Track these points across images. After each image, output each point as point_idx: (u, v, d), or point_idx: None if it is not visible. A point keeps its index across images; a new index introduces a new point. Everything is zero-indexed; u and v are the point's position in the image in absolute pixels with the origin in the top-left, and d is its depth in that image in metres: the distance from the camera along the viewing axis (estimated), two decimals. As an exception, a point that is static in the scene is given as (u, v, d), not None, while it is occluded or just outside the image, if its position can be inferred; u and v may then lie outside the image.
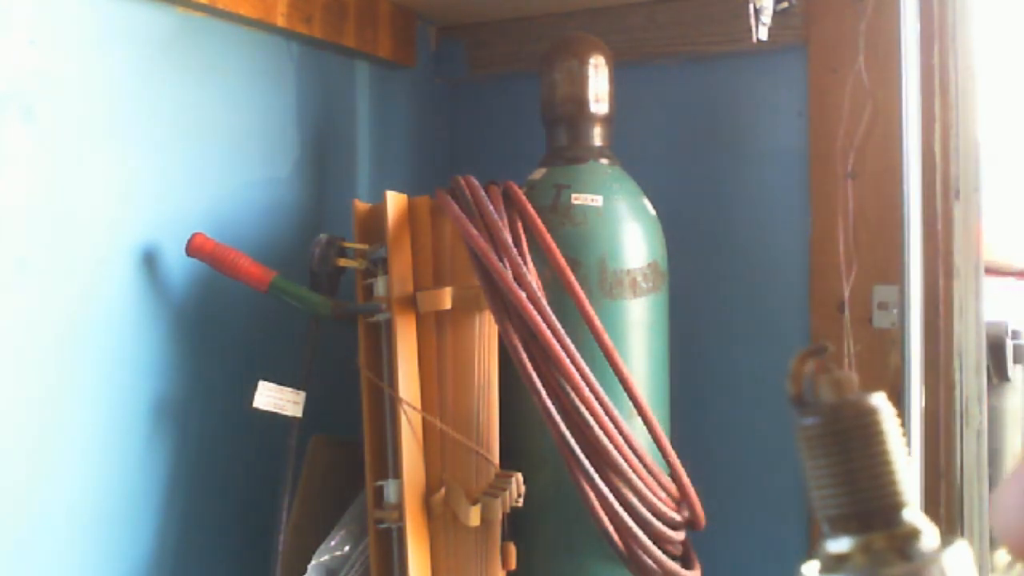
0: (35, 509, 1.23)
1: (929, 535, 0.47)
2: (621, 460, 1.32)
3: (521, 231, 1.40)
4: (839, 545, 0.48)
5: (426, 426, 1.39)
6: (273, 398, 1.40)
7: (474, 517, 1.33)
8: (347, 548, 1.43)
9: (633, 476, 1.34)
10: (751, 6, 1.46)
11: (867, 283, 1.61)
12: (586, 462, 1.31)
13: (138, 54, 1.37)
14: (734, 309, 1.76)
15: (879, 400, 0.47)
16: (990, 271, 1.73)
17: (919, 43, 1.43)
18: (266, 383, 1.39)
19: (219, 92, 1.50)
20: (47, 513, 1.24)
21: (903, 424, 1.40)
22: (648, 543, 1.35)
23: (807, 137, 1.69)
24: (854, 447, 0.47)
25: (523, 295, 1.31)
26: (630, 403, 1.37)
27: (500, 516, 1.36)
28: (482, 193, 1.39)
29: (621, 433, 1.33)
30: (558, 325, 1.32)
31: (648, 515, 1.35)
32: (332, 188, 1.73)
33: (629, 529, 1.33)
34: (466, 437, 1.38)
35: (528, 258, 1.37)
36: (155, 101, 1.39)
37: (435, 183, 1.50)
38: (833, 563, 0.47)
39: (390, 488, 1.39)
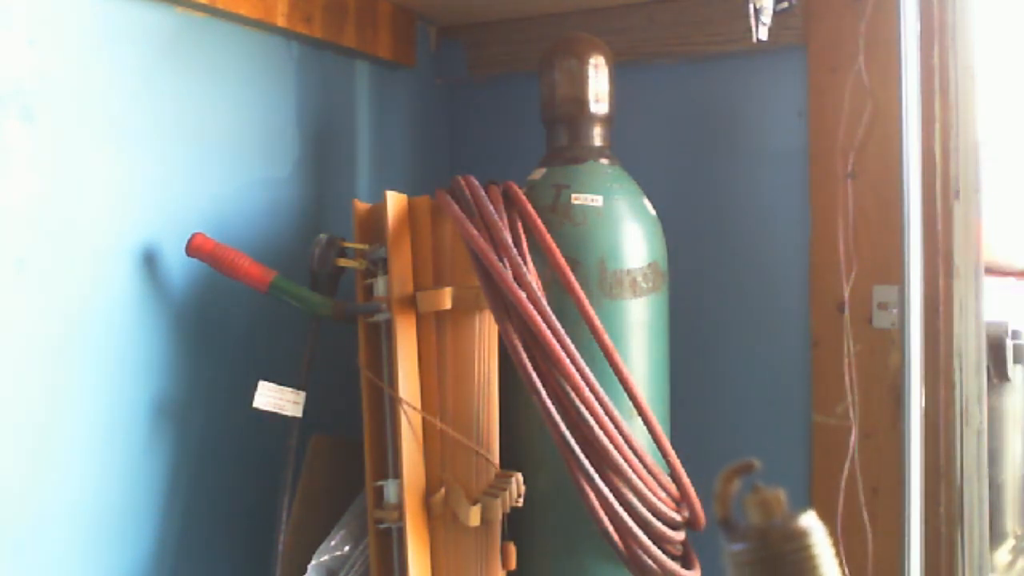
0: (35, 509, 1.23)
1: None
2: (621, 460, 1.32)
3: (521, 231, 1.40)
4: None
5: (426, 426, 1.39)
6: (273, 398, 1.40)
7: (474, 517, 1.33)
8: (347, 548, 1.43)
9: (633, 476, 1.34)
10: (751, 6, 1.46)
11: (867, 283, 1.61)
12: (586, 462, 1.31)
13: (138, 54, 1.37)
14: (734, 309, 1.76)
15: (809, 521, 0.44)
16: (990, 271, 1.73)
17: (919, 43, 1.43)
18: (266, 383, 1.39)
19: (219, 92, 1.50)
20: (47, 513, 1.24)
21: (902, 424, 1.40)
22: (648, 543, 1.35)
23: (807, 137, 1.69)
24: (785, 574, 0.44)
25: (523, 295, 1.31)
26: (630, 403, 1.37)
27: (500, 516, 1.36)
28: (482, 193, 1.39)
29: (621, 433, 1.33)
30: (558, 325, 1.32)
31: (648, 515, 1.35)
32: (332, 188, 1.73)
33: (629, 529, 1.33)
34: (466, 437, 1.38)
35: (528, 258, 1.37)
36: (155, 101, 1.39)
37: (435, 183, 1.50)
38: None
39: (390, 488, 1.39)
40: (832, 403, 1.63)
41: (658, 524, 1.36)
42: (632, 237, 1.47)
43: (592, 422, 1.31)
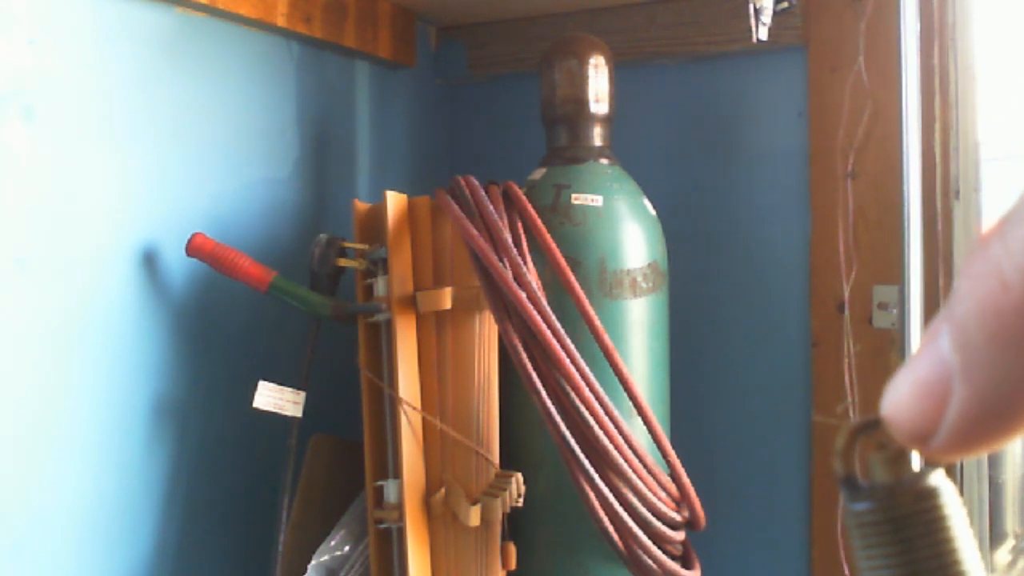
0: (34, 509, 1.23)
1: None
2: (621, 460, 1.32)
3: (521, 231, 1.40)
4: None
5: (426, 426, 1.39)
6: (273, 398, 1.40)
7: (474, 517, 1.33)
8: (347, 548, 1.43)
9: (633, 476, 1.34)
10: (751, 6, 1.46)
11: (867, 283, 1.61)
12: (586, 462, 1.31)
13: (138, 54, 1.37)
14: (734, 309, 1.76)
15: (939, 479, 0.42)
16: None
17: (919, 43, 1.43)
18: (266, 383, 1.39)
19: (219, 92, 1.50)
20: (46, 513, 1.24)
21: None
22: (648, 543, 1.35)
23: (807, 137, 1.69)
24: (914, 535, 0.42)
25: (523, 295, 1.31)
26: (630, 403, 1.37)
27: (500, 516, 1.36)
28: (482, 193, 1.39)
29: (621, 433, 1.33)
30: (558, 325, 1.32)
31: (648, 515, 1.35)
32: (332, 188, 1.73)
33: (629, 529, 1.33)
34: (466, 437, 1.38)
35: (528, 258, 1.37)
36: (155, 101, 1.39)
37: (435, 183, 1.50)
38: None
39: (390, 488, 1.39)
40: (832, 403, 1.63)
41: (658, 524, 1.36)
42: (632, 237, 1.47)
43: (592, 422, 1.31)
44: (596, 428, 1.31)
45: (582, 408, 1.31)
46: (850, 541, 0.40)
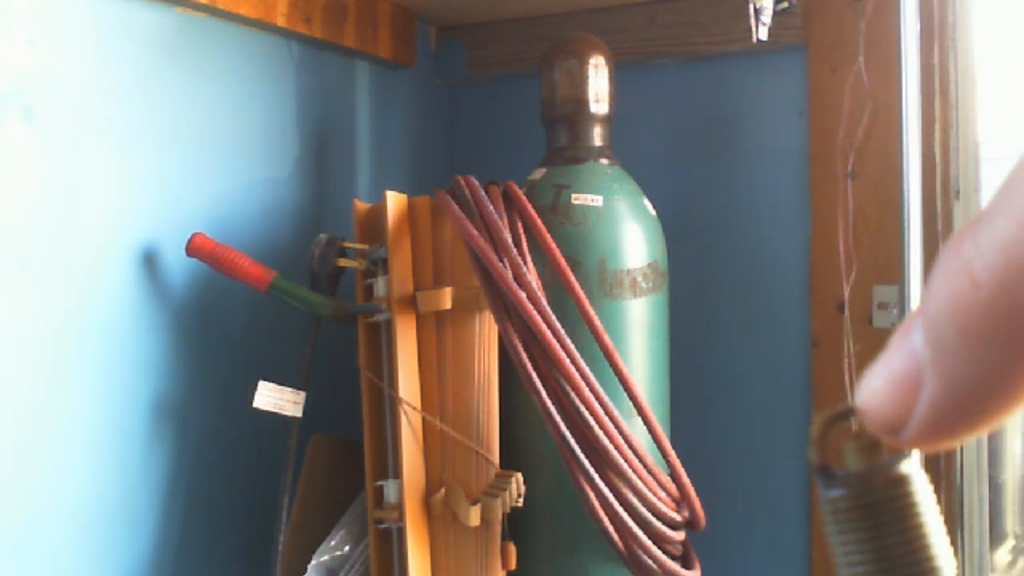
0: (34, 510, 1.23)
1: None
2: (621, 460, 1.32)
3: (521, 231, 1.40)
4: None
5: (426, 426, 1.39)
6: (273, 398, 1.40)
7: (474, 517, 1.33)
8: (347, 548, 1.43)
9: (633, 476, 1.34)
10: (751, 6, 1.46)
11: (867, 283, 1.61)
12: (586, 462, 1.31)
13: (138, 54, 1.37)
14: (734, 309, 1.76)
15: (911, 467, 0.43)
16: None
17: (919, 43, 1.44)
18: (266, 383, 1.39)
19: (219, 92, 1.50)
20: (46, 513, 1.24)
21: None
22: (648, 543, 1.35)
23: (807, 137, 1.69)
24: (885, 521, 0.43)
25: (523, 295, 1.31)
26: (630, 403, 1.37)
27: (500, 516, 1.36)
28: (482, 193, 1.39)
29: (621, 433, 1.33)
30: (558, 325, 1.32)
31: (648, 515, 1.35)
32: (332, 188, 1.73)
33: (629, 529, 1.33)
34: (466, 437, 1.38)
35: (528, 258, 1.37)
36: (155, 101, 1.39)
37: (435, 183, 1.50)
38: None
39: (390, 488, 1.39)
40: (832, 403, 1.63)
41: (658, 524, 1.36)
42: (632, 237, 1.47)
43: (592, 422, 1.31)
44: (596, 428, 1.31)
45: (582, 408, 1.31)
46: (825, 528, 0.41)
